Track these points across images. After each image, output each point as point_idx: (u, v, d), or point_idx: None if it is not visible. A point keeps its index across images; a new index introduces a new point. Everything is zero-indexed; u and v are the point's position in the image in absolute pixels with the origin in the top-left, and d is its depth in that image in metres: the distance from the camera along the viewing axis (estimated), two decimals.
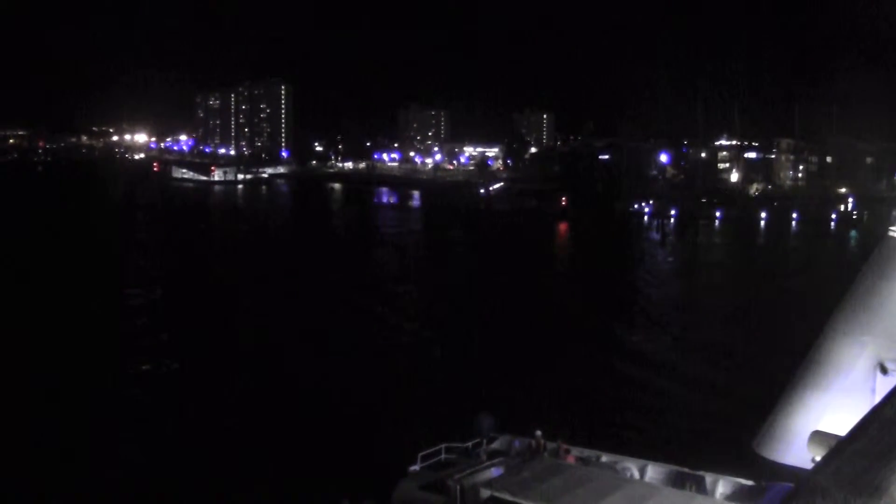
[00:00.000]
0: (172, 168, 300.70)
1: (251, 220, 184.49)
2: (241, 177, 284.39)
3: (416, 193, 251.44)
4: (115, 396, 52.99)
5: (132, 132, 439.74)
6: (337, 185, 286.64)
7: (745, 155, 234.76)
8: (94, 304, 79.38)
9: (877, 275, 24.30)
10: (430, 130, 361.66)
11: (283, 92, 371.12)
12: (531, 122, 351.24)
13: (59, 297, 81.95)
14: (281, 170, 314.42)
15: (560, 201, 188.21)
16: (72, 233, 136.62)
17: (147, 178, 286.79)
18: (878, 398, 17.35)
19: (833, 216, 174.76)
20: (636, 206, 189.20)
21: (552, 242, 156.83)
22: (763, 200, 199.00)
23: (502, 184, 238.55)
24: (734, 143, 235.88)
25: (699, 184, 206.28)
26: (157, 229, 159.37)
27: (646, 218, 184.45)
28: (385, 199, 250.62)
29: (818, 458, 14.74)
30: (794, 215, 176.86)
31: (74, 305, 78.42)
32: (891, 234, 24.51)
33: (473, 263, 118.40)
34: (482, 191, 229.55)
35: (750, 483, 24.25)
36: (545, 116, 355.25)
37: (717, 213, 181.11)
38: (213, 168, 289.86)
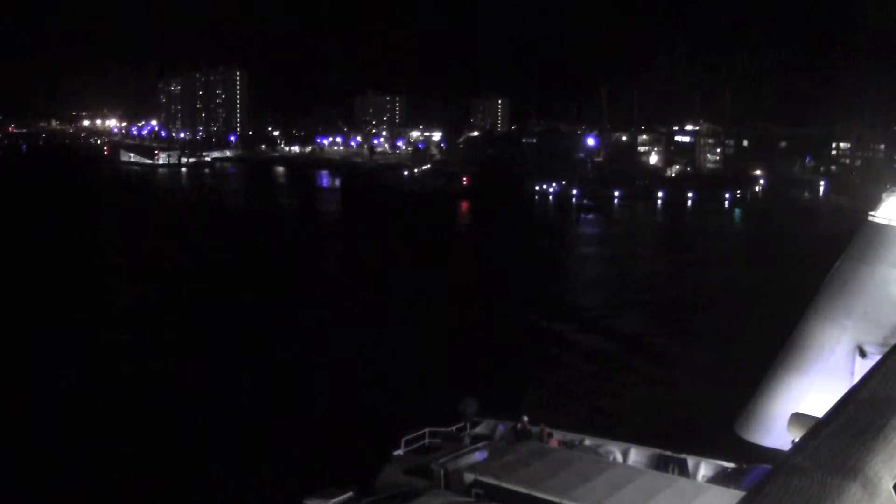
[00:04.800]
0: (120, 152, 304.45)
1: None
2: (184, 160, 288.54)
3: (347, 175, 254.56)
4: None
5: (104, 117, 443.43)
6: (281, 168, 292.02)
7: (677, 139, 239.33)
8: None
9: (856, 259, 25.12)
10: (385, 116, 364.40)
11: (237, 78, 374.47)
12: (486, 108, 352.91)
13: None
14: (227, 153, 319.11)
15: (462, 181, 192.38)
16: None
17: (97, 161, 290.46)
18: (856, 381, 19.79)
19: (727, 196, 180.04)
20: (543, 186, 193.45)
21: (449, 219, 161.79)
22: (676, 181, 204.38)
23: (429, 166, 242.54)
24: (659, 129, 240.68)
25: (606, 166, 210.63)
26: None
27: (550, 198, 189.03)
28: (325, 183, 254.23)
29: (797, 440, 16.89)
30: (690, 195, 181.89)
31: None
32: (871, 219, 24.99)
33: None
34: (406, 173, 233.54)
35: (731, 465, 24.27)
36: (500, 102, 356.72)
37: (616, 193, 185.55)
38: (157, 152, 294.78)
